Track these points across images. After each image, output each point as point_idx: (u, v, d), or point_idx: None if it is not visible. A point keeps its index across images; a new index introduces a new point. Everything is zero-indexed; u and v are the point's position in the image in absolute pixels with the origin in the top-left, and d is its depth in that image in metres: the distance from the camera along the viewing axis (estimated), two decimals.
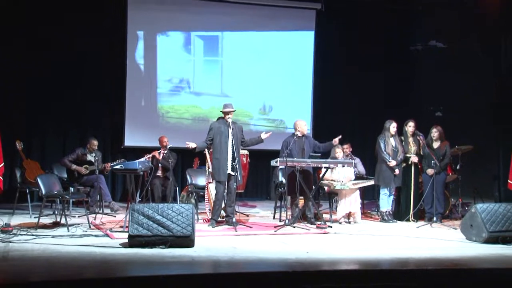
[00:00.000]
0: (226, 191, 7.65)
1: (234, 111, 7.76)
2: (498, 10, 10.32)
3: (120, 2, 10.75)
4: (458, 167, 9.22)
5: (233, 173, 7.57)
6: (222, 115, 7.82)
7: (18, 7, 9.91)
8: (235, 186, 7.68)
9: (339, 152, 8.65)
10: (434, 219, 8.28)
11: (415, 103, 11.65)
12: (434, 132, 8.61)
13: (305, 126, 8.25)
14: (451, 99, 11.55)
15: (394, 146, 8.50)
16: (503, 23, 10.72)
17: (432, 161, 8.36)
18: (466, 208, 8.84)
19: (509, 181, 8.36)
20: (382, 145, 8.48)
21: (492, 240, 6.65)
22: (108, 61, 10.62)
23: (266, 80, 11.83)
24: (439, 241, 7.04)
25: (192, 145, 7.61)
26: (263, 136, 7.87)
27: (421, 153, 8.63)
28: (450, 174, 9.17)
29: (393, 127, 8.54)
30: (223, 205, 7.74)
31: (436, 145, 8.59)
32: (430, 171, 8.45)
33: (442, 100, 11.81)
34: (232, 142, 7.57)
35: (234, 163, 7.54)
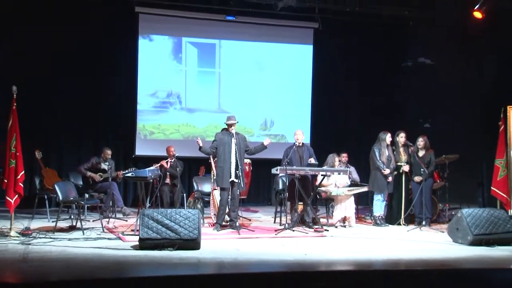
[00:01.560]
0: (230, 197, 7.67)
1: (237, 122, 7.79)
2: (483, 28, 10.36)
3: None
4: (445, 174, 9.23)
5: (236, 180, 7.59)
6: (226, 127, 7.86)
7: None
8: (238, 193, 7.70)
9: (337, 161, 8.69)
10: (423, 223, 8.28)
11: (406, 115, 11.67)
12: (420, 142, 8.66)
13: (296, 136, 8.17)
14: (439, 111, 11.58)
15: (388, 155, 8.54)
16: (487, 40, 10.76)
17: (421, 169, 8.38)
18: (453, 212, 8.83)
19: (492, 188, 8.35)
20: (377, 154, 8.50)
21: (476, 242, 6.66)
22: (120, 72, 10.59)
23: (267, 93, 11.10)
24: (427, 243, 7.04)
25: (200, 142, 7.62)
26: (265, 142, 7.86)
27: (411, 161, 8.65)
28: (438, 181, 9.18)
29: (389, 137, 8.58)
30: (227, 210, 7.75)
31: (421, 153, 8.62)
32: (416, 179, 8.49)
33: (430, 112, 11.84)
34: (236, 152, 7.60)
35: (237, 171, 7.56)
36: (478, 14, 9.83)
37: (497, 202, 8.35)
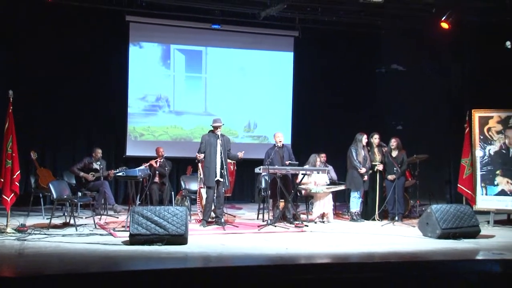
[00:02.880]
0: (215, 195, 7.66)
1: (223, 124, 7.79)
2: (449, 37, 10.48)
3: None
4: (416, 173, 9.33)
5: (221, 179, 7.58)
6: (212, 129, 7.83)
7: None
8: (223, 191, 7.69)
9: (318, 161, 8.73)
10: (396, 218, 8.37)
11: (380, 117, 11.76)
12: (393, 142, 8.75)
13: (277, 138, 8.16)
14: (410, 115, 11.70)
15: (364, 155, 8.60)
16: (453, 48, 10.89)
17: (394, 168, 8.47)
18: (423, 208, 8.93)
19: (458, 185, 8.48)
20: (354, 154, 8.56)
21: (444, 236, 6.75)
22: (112, 77, 10.49)
23: (250, 97, 11.12)
24: (400, 237, 7.10)
25: (201, 156, 7.60)
26: (240, 155, 7.75)
27: (385, 161, 8.73)
28: (410, 179, 9.27)
29: (365, 138, 8.66)
30: (213, 207, 7.73)
31: (394, 153, 8.71)
32: (390, 177, 8.57)
33: (402, 115, 11.95)
34: (221, 152, 7.59)
35: (222, 171, 7.56)
36: (445, 25, 9.95)
37: (463, 199, 8.49)
